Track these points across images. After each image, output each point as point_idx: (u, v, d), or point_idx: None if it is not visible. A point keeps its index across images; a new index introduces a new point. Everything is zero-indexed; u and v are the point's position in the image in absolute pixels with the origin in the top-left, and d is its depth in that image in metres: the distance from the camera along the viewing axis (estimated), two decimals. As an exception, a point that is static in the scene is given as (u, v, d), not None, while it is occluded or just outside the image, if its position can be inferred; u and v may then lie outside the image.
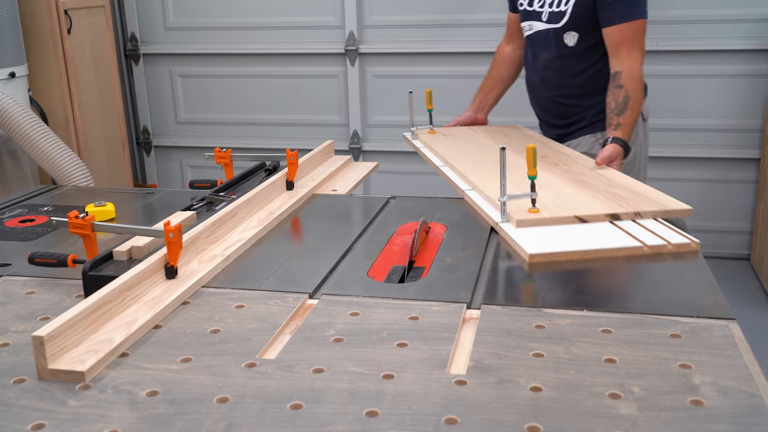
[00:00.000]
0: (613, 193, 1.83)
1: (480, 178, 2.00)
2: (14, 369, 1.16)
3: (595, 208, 1.73)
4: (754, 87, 3.99)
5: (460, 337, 1.25)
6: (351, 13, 4.32)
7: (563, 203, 1.77)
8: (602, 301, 1.37)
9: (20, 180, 3.49)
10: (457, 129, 2.66)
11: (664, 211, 1.72)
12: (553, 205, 1.76)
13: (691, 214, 1.73)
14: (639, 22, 2.19)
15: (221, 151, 2.11)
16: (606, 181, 1.94)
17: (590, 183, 1.92)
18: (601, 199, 1.79)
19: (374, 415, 1.01)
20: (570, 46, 2.29)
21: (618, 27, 2.18)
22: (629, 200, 1.77)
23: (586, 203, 1.77)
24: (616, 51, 2.22)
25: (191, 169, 4.85)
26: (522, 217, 1.69)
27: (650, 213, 1.71)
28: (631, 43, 2.19)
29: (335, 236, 1.78)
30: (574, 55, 2.31)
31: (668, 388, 1.06)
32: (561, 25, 2.27)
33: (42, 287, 1.48)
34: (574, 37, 2.27)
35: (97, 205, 1.91)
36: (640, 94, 2.21)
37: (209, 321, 1.30)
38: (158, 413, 1.02)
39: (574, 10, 2.24)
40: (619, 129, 2.15)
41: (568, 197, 1.82)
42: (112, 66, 4.09)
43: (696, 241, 1.58)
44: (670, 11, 3.97)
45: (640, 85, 2.21)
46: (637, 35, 2.20)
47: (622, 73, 2.19)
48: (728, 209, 4.18)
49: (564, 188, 1.89)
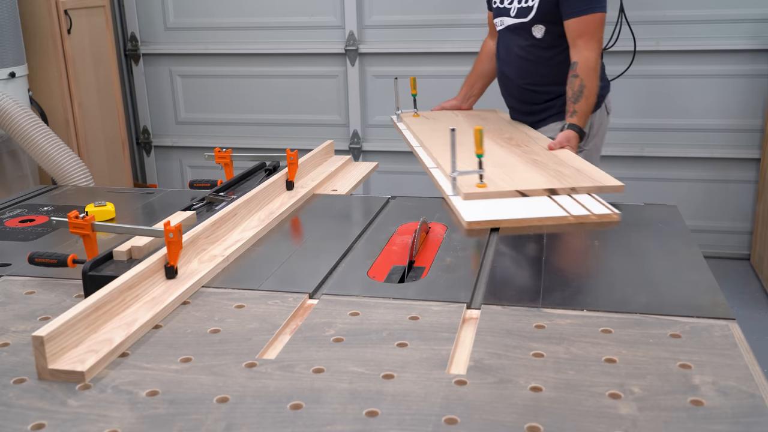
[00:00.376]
0: (558, 171, 2.01)
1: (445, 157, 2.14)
2: (14, 369, 1.16)
3: (537, 183, 1.93)
4: (754, 87, 3.99)
5: (460, 337, 1.25)
6: (351, 13, 4.32)
7: (511, 179, 1.96)
8: (602, 301, 1.37)
9: (20, 180, 3.49)
10: (440, 113, 2.88)
11: (598, 186, 1.91)
12: (501, 180, 1.95)
13: (623, 190, 1.91)
14: (597, 15, 2.35)
15: (221, 151, 2.11)
16: (557, 161, 2.13)
17: (542, 162, 2.12)
18: (546, 176, 1.98)
19: (374, 415, 1.01)
20: (538, 38, 2.46)
21: (577, 20, 2.34)
22: (570, 177, 1.96)
23: (531, 179, 1.96)
24: (574, 42, 2.37)
25: (191, 169, 4.85)
26: (469, 191, 1.90)
27: (585, 188, 1.90)
28: (589, 35, 2.34)
29: (335, 236, 1.78)
30: (542, 46, 2.47)
31: (668, 388, 1.06)
32: (528, 19, 2.44)
33: (42, 287, 1.48)
34: (541, 30, 2.44)
35: (97, 205, 1.91)
36: (595, 83, 2.36)
37: (209, 321, 1.30)
38: (158, 413, 1.02)
39: (540, 5, 2.40)
40: (574, 116, 2.36)
41: (517, 174, 2.01)
42: (112, 66, 4.09)
43: (617, 212, 1.76)
44: (670, 11, 3.97)
45: (595, 74, 2.36)
46: (595, 27, 2.35)
47: (578, 64, 2.36)
48: (728, 209, 4.18)
49: (517, 166, 2.09)
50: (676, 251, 1.63)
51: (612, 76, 3.77)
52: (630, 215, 1.90)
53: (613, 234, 1.79)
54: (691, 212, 4.00)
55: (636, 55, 3.63)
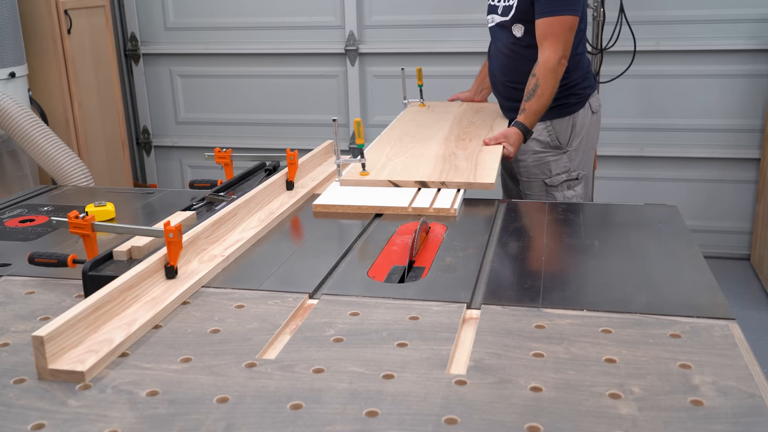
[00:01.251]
0: (455, 166, 2.11)
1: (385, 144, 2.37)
2: (14, 369, 1.16)
3: (417, 176, 2.04)
4: (754, 87, 3.99)
5: (460, 337, 1.25)
6: (351, 13, 4.32)
7: (404, 170, 2.09)
8: (602, 301, 1.37)
9: (20, 180, 3.49)
10: (444, 104, 2.95)
11: (467, 183, 1.99)
12: (393, 170, 2.09)
13: (493, 187, 1.97)
14: (565, 18, 2.33)
15: (221, 151, 2.11)
16: (469, 156, 2.20)
17: (457, 156, 2.21)
18: (437, 171, 2.07)
19: (374, 415, 1.01)
20: (518, 37, 2.46)
21: (545, 20, 2.34)
22: (453, 173, 2.05)
23: (421, 172, 2.07)
24: (541, 42, 2.37)
25: (191, 169, 4.84)
26: (345, 177, 2.06)
27: (455, 184, 1.99)
28: (553, 36, 2.34)
29: (335, 236, 1.78)
30: (522, 45, 2.47)
31: (668, 388, 1.06)
32: (509, 18, 2.45)
33: (42, 287, 1.48)
34: (520, 29, 2.44)
35: (97, 205, 1.91)
36: (551, 84, 2.35)
37: (209, 321, 1.30)
38: (158, 413, 1.02)
39: (518, 4, 2.41)
40: (522, 114, 2.37)
41: (416, 167, 2.12)
42: (112, 66, 4.09)
43: (455, 208, 1.85)
44: (670, 11, 3.97)
45: (552, 75, 2.35)
46: (561, 29, 2.34)
47: (538, 64, 2.36)
48: (728, 209, 4.18)
49: (427, 159, 2.19)
50: (676, 251, 1.63)
51: (612, 76, 3.79)
52: (630, 215, 1.90)
53: (613, 234, 1.79)
54: (691, 212, 3.99)
55: (636, 55, 3.63)
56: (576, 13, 2.36)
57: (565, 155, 2.53)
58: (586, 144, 2.60)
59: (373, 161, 2.16)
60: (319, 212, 1.90)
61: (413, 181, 2.01)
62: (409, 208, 1.87)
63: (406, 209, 1.87)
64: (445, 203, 1.89)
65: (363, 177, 2.05)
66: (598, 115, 2.64)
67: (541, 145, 2.53)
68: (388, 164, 2.15)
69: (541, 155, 2.53)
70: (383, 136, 2.49)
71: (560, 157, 2.53)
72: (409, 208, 1.87)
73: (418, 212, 1.86)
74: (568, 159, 2.53)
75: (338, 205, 1.90)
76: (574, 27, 2.38)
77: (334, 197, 1.96)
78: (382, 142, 2.40)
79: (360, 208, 1.89)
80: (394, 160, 2.19)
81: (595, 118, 2.62)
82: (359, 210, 1.89)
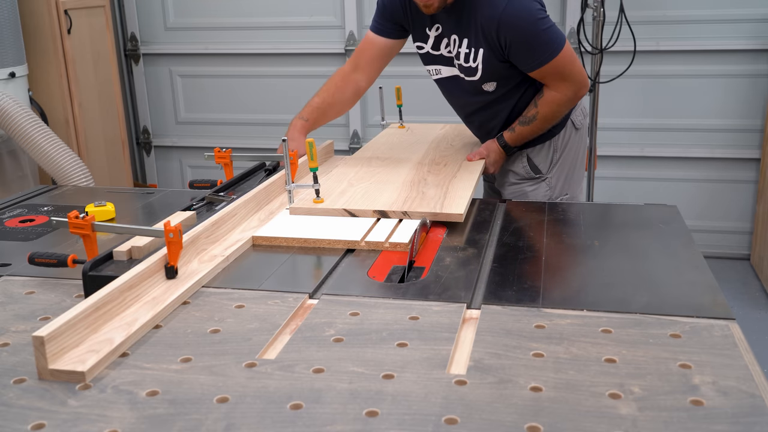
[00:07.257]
0: (424, 194, 1.92)
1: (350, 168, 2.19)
2: (14, 369, 1.16)
3: (377, 204, 1.85)
4: (754, 87, 3.99)
5: (460, 337, 1.25)
6: (351, 13, 4.32)
7: (364, 197, 1.90)
8: (602, 301, 1.37)
9: (20, 180, 3.49)
10: (425, 125, 2.75)
11: (433, 213, 1.80)
12: (352, 197, 1.90)
13: (462, 219, 1.78)
14: (559, 56, 2.11)
15: (221, 151, 2.11)
16: (440, 183, 2.02)
17: (426, 182, 2.02)
18: (401, 199, 1.88)
19: (374, 415, 1.01)
20: (490, 92, 2.26)
21: (538, 71, 2.15)
22: (418, 201, 1.86)
23: (382, 200, 1.88)
24: (544, 82, 2.20)
25: (191, 169, 4.84)
26: (295, 206, 1.86)
27: (418, 214, 1.79)
28: (556, 75, 2.16)
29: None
30: (496, 99, 2.28)
31: (668, 388, 1.06)
32: (477, 79, 2.23)
33: (42, 287, 1.48)
34: (492, 85, 2.24)
35: (97, 205, 1.91)
36: (548, 119, 2.22)
37: (209, 321, 1.30)
38: (158, 413, 1.02)
39: (484, 68, 2.19)
40: (510, 132, 2.26)
41: (378, 193, 1.94)
42: (112, 66, 4.09)
43: (406, 242, 1.64)
44: (670, 11, 3.97)
45: (552, 111, 2.20)
46: (562, 68, 2.14)
47: (543, 95, 2.20)
48: (728, 209, 4.18)
49: (392, 186, 2.00)
50: (676, 251, 1.63)
51: (612, 76, 3.79)
52: (630, 215, 1.90)
53: (613, 234, 1.79)
54: (691, 212, 3.99)
55: (636, 55, 3.63)
56: (562, 42, 2.12)
57: (543, 183, 2.33)
58: (571, 164, 2.38)
59: (332, 187, 1.98)
60: (260, 245, 1.69)
61: (371, 210, 1.81)
62: (362, 242, 1.66)
63: (359, 243, 1.66)
64: (404, 237, 1.67)
65: (315, 205, 1.85)
66: (581, 131, 2.43)
67: (517, 177, 2.35)
68: (348, 190, 1.96)
69: (518, 186, 2.35)
70: (350, 160, 2.32)
71: (538, 186, 2.33)
72: (362, 242, 1.66)
73: (371, 247, 1.66)
74: (547, 187, 2.33)
75: (281, 237, 1.68)
76: (573, 54, 2.16)
77: (277, 228, 1.74)
78: (347, 167, 2.21)
79: (306, 241, 1.67)
80: (356, 186, 1.99)
81: (578, 135, 2.40)
82: (305, 243, 1.67)
